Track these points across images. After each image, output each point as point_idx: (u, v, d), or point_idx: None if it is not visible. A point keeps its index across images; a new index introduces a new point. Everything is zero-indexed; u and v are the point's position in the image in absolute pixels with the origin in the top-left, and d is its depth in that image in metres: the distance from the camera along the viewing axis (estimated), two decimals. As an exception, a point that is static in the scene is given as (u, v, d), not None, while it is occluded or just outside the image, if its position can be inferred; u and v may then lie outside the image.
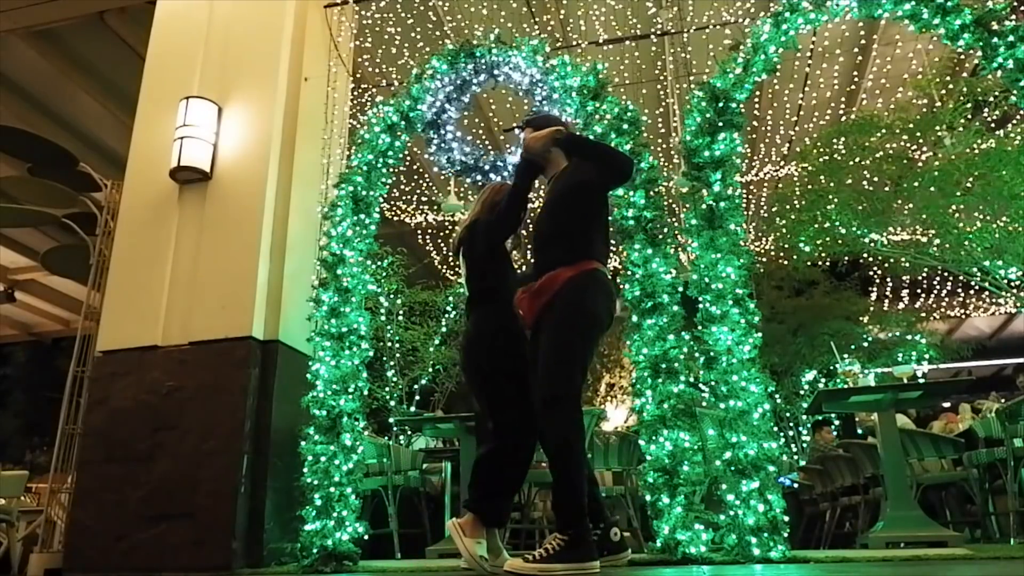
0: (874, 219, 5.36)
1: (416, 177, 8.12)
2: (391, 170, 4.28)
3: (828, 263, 8.06)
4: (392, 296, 7.21)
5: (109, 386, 3.91)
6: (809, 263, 7.18)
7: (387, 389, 7.27)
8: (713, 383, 3.25)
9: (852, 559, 3.13)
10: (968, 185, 4.86)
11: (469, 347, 2.91)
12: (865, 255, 7.09)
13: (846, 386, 4.70)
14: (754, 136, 7.53)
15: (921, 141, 5.42)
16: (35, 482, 7.44)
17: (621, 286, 3.40)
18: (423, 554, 4.20)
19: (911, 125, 5.25)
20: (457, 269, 9.44)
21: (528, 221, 3.03)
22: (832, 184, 5.38)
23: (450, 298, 7.82)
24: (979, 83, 5.11)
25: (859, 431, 7.92)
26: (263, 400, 3.78)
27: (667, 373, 3.23)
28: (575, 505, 2.39)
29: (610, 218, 3.12)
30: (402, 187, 8.04)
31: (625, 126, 3.71)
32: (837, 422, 8.50)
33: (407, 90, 4.23)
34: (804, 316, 8.55)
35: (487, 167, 4.23)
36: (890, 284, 9.88)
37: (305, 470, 3.52)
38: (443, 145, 4.24)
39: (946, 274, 9.08)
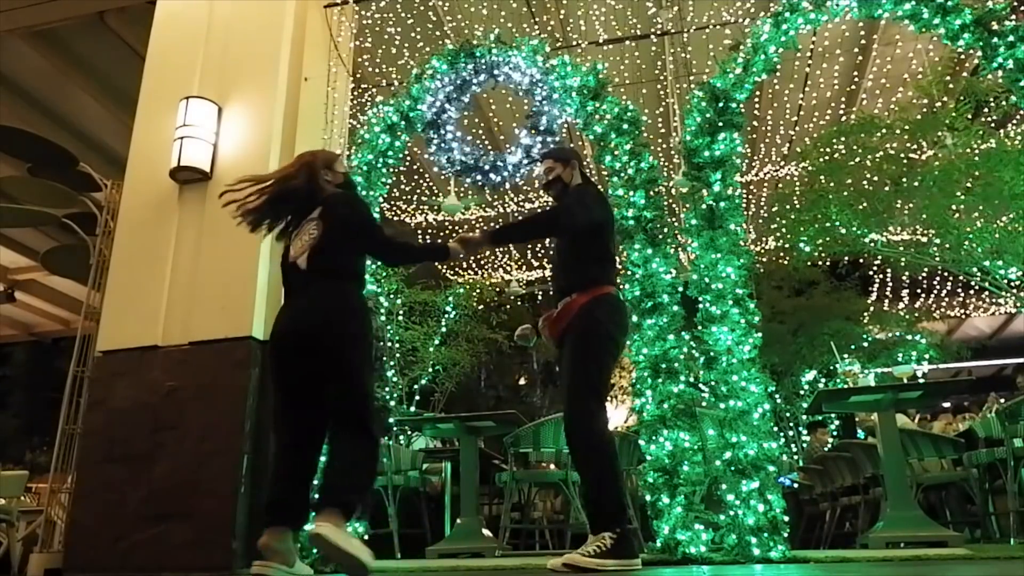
0: (874, 219, 5.36)
1: (416, 177, 8.12)
2: (391, 170, 4.28)
3: (828, 263, 8.05)
4: (392, 296, 7.21)
5: (109, 386, 3.91)
6: (809, 263, 7.17)
7: (387, 389, 7.27)
8: (713, 383, 3.25)
9: (852, 559, 3.13)
10: (968, 185, 4.86)
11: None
12: (865, 255, 7.10)
13: (846, 386, 4.70)
14: (754, 136, 7.53)
15: (921, 141, 5.42)
16: (35, 482, 7.44)
17: (622, 286, 3.41)
18: (423, 554, 4.20)
19: (910, 126, 5.25)
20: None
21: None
22: (832, 184, 5.38)
23: (450, 298, 7.83)
24: (980, 83, 5.10)
25: (860, 432, 7.92)
26: (263, 400, 3.78)
27: (667, 373, 3.24)
28: (615, 505, 2.56)
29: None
30: (402, 187, 8.04)
31: (625, 126, 3.71)
32: (837, 422, 8.50)
33: (407, 90, 4.24)
34: (804, 316, 8.55)
35: (487, 167, 4.23)
36: (890, 284, 9.88)
37: (305, 470, 3.52)
38: (443, 145, 4.24)
39: (946, 274, 9.07)
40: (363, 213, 2.75)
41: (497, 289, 8.98)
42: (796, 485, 6.29)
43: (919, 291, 10.13)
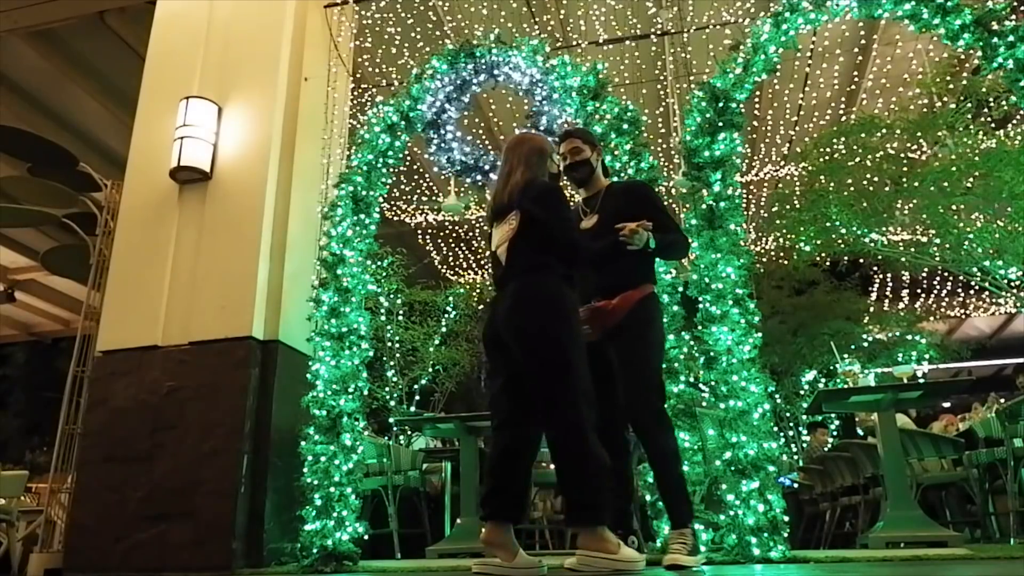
0: (874, 219, 5.35)
1: (416, 177, 8.12)
2: (391, 170, 4.28)
3: (828, 263, 8.05)
4: (392, 296, 7.21)
5: (109, 386, 3.91)
6: (809, 263, 7.17)
7: (387, 389, 7.27)
8: (713, 383, 3.25)
9: (852, 559, 3.13)
10: (968, 185, 4.86)
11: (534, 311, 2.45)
12: (865, 255, 7.09)
13: (846, 386, 4.70)
14: (754, 136, 7.53)
15: (922, 141, 5.42)
16: (35, 482, 7.43)
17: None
18: (423, 554, 4.20)
19: (911, 125, 5.24)
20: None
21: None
22: (832, 184, 5.38)
23: (450, 298, 7.83)
24: (980, 83, 5.10)
25: (859, 431, 7.92)
26: (263, 400, 3.78)
27: (667, 373, 3.23)
28: (690, 499, 2.73)
29: None
30: (402, 187, 8.04)
31: (625, 126, 3.71)
32: (837, 422, 8.50)
33: (407, 90, 4.23)
34: (804, 316, 8.55)
35: (487, 167, 4.23)
36: (890, 284, 9.88)
37: (305, 470, 3.52)
38: (443, 145, 4.24)
39: (946, 274, 9.08)
40: None
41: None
42: (796, 485, 6.29)
43: (919, 291, 10.13)
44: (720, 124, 3.65)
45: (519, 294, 2.46)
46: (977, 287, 7.11)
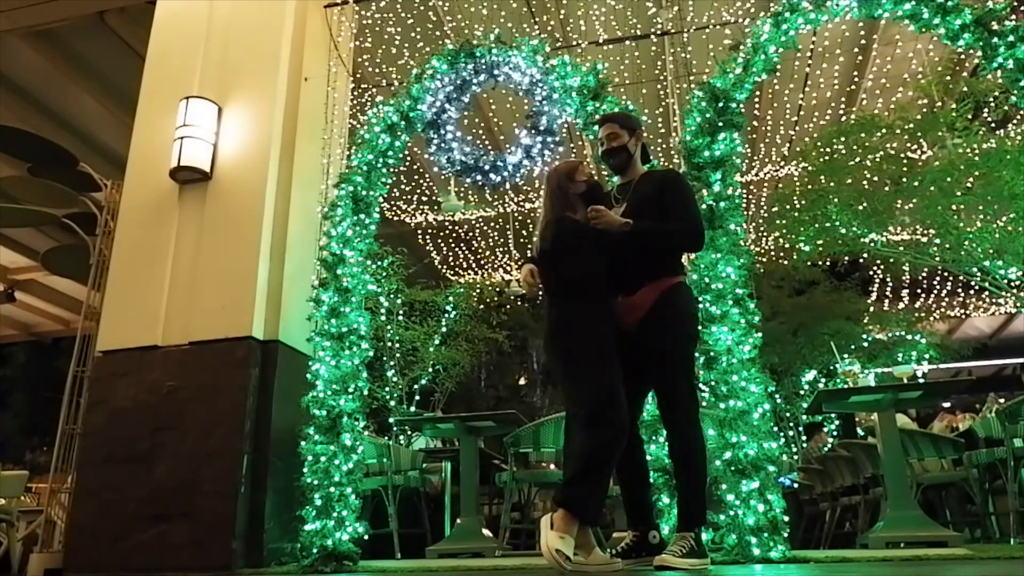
0: (874, 219, 5.35)
1: (416, 177, 8.12)
2: (391, 170, 4.28)
3: (828, 263, 8.05)
4: (392, 296, 7.21)
5: (109, 386, 3.91)
6: (809, 263, 7.17)
7: (387, 389, 7.27)
8: (713, 383, 3.25)
9: (852, 559, 3.13)
10: (968, 185, 4.86)
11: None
12: (865, 255, 7.10)
13: (846, 386, 4.70)
14: (754, 136, 7.53)
15: (922, 141, 5.42)
16: (35, 482, 7.44)
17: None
18: (423, 554, 4.21)
19: (911, 125, 5.24)
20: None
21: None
22: (832, 184, 5.38)
23: (450, 298, 7.83)
24: (980, 83, 5.10)
25: (859, 431, 7.92)
26: (263, 400, 3.78)
27: (667, 373, 3.22)
28: (704, 505, 2.69)
29: None
30: (402, 187, 8.04)
31: (625, 126, 3.70)
32: (837, 422, 8.50)
33: (407, 90, 4.23)
34: (804, 316, 8.55)
35: (487, 167, 4.23)
36: (890, 284, 9.88)
37: (305, 470, 3.52)
38: (443, 145, 4.23)
39: (946, 274, 9.08)
40: None
41: (497, 289, 8.99)
42: (796, 485, 6.29)
43: (919, 291, 10.13)
44: (720, 124, 3.65)
45: (546, 327, 2.81)
46: (977, 287, 7.11)
